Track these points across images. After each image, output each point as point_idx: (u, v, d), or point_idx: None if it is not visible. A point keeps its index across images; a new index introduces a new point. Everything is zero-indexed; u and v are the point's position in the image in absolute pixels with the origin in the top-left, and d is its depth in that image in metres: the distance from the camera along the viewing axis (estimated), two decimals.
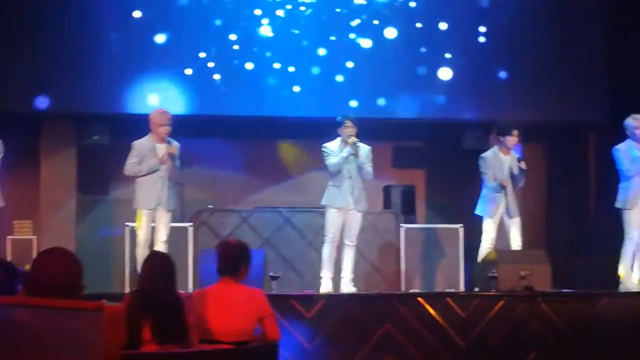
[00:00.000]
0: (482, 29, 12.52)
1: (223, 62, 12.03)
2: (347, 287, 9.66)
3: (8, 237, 11.16)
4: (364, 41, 12.31)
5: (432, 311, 8.73)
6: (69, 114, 11.87)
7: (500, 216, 10.16)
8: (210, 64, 11.97)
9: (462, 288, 10.81)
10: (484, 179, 10.22)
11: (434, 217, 12.78)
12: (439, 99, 12.34)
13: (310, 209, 10.95)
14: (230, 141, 12.67)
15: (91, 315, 3.97)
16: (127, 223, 10.35)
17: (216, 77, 11.99)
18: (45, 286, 4.25)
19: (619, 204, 9.93)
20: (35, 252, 10.38)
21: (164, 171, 9.32)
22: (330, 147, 9.76)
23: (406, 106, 12.30)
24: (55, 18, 11.62)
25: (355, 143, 9.60)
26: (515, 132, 10.25)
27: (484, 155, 10.32)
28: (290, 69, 12.12)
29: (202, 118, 12.11)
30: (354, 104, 12.12)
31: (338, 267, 9.77)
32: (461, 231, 11.11)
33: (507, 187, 10.12)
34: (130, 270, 10.16)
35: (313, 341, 8.44)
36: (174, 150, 9.36)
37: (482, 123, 12.04)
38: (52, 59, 11.56)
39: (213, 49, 12.02)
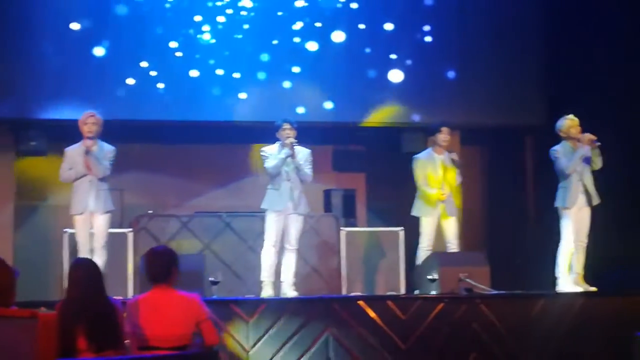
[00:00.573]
0: (427, 27, 12.61)
1: (165, 70, 11.92)
2: (288, 291, 9.65)
3: None
4: (310, 44, 12.29)
5: (372, 314, 8.75)
6: (5, 120, 11.71)
7: (437, 217, 10.23)
8: (153, 73, 11.88)
9: (402, 291, 10.86)
10: (416, 180, 10.30)
11: (375, 220, 12.81)
12: (385, 102, 12.39)
13: (250, 213, 10.92)
14: (170, 146, 12.60)
15: (25, 324, 3.92)
16: (65, 229, 10.26)
17: (160, 85, 11.89)
18: None
19: (558, 202, 10.02)
20: None
21: (91, 174, 9.33)
22: (268, 150, 9.76)
23: (353, 110, 12.32)
24: None
25: (292, 143, 9.61)
26: (445, 129, 10.34)
27: (417, 156, 10.41)
28: (235, 75, 12.06)
29: (142, 124, 12.02)
30: (301, 110, 12.10)
31: (279, 271, 9.76)
32: (402, 234, 11.16)
33: (444, 186, 10.21)
34: None
35: (253, 346, 8.43)
36: (89, 144, 9.32)
37: (421, 126, 12.09)
38: None
39: (155, 57, 11.91)
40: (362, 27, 12.45)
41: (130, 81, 11.82)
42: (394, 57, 12.46)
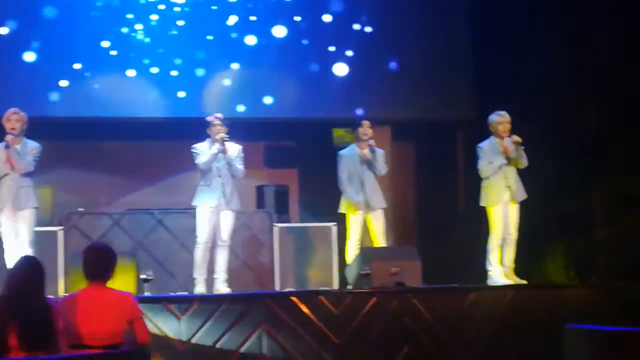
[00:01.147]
0: (358, 25, 12.64)
1: (100, 70, 11.79)
2: (221, 287, 9.65)
3: None
4: (248, 39, 12.25)
5: (305, 309, 8.76)
6: None
7: (363, 212, 10.30)
8: (87, 74, 11.75)
9: (335, 286, 10.90)
10: (339, 176, 10.35)
11: (307, 215, 12.83)
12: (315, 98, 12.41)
13: (182, 210, 10.87)
14: (100, 143, 12.48)
15: None
16: None
17: (95, 86, 11.77)
18: None
19: (482, 202, 10.13)
20: None
21: (14, 171, 9.23)
22: (199, 147, 9.74)
23: (293, 105, 12.32)
24: None
25: (222, 138, 9.59)
26: (366, 122, 10.40)
27: (341, 152, 10.46)
28: (173, 73, 11.99)
29: (73, 120, 11.89)
30: (241, 108, 12.08)
31: (212, 268, 9.74)
32: (334, 229, 11.20)
33: (367, 180, 10.27)
34: None
35: (187, 342, 8.40)
36: (9, 139, 9.21)
37: (351, 121, 12.10)
38: None
39: (88, 58, 11.77)
40: (298, 19, 12.44)
41: (64, 83, 11.69)
42: (333, 49, 12.48)
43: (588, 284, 10.47)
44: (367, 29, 12.59)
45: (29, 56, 11.62)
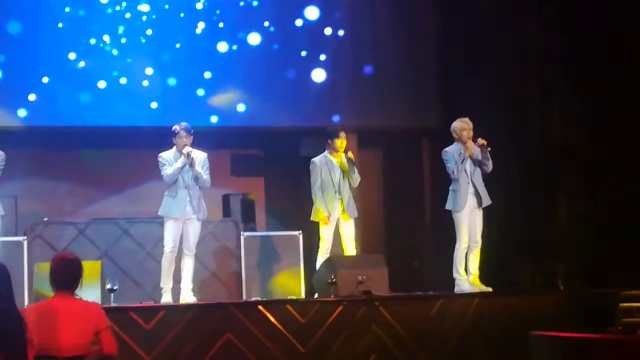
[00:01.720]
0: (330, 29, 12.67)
1: (68, 83, 11.73)
2: (187, 296, 9.61)
3: None
4: (220, 45, 12.25)
5: (272, 318, 8.77)
6: None
7: (336, 220, 10.30)
8: (54, 87, 11.69)
9: (302, 295, 10.88)
10: (312, 184, 10.35)
11: (274, 224, 12.81)
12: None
13: (148, 220, 10.83)
14: (65, 152, 12.41)
15: None
16: None
17: (63, 98, 11.69)
18: None
19: (449, 206, 10.17)
20: None
21: None
22: (165, 156, 9.69)
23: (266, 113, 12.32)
24: None
25: (189, 153, 9.55)
26: (342, 134, 10.41)
27: (314, 160, 10.46)
28: (144, 83, 11.97)
29: (37, 129, 11.82)
30: (214, 119, 12.11)
31: (178, 277, 9.71)
32: (300, 238, 11.17)
33: (343, 189, 10.28)
34: None
35: (152, 353, 8.35)
36: None
37: (318, 130, 12.11)
38: None
39: (55, 72, 11.70)
40: (267, 24, 12.45)
41: (32, 97, 11.63)
42: (304, 53, 12.53)
43: (554, 291, 10.53)
44: (340, 32, 12.64)
45: None
